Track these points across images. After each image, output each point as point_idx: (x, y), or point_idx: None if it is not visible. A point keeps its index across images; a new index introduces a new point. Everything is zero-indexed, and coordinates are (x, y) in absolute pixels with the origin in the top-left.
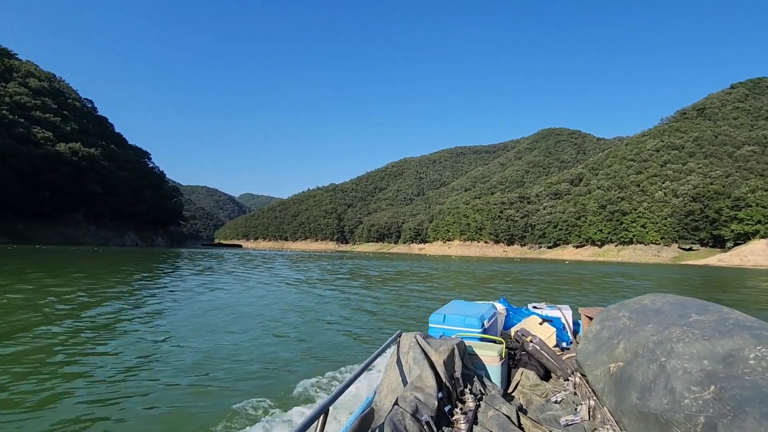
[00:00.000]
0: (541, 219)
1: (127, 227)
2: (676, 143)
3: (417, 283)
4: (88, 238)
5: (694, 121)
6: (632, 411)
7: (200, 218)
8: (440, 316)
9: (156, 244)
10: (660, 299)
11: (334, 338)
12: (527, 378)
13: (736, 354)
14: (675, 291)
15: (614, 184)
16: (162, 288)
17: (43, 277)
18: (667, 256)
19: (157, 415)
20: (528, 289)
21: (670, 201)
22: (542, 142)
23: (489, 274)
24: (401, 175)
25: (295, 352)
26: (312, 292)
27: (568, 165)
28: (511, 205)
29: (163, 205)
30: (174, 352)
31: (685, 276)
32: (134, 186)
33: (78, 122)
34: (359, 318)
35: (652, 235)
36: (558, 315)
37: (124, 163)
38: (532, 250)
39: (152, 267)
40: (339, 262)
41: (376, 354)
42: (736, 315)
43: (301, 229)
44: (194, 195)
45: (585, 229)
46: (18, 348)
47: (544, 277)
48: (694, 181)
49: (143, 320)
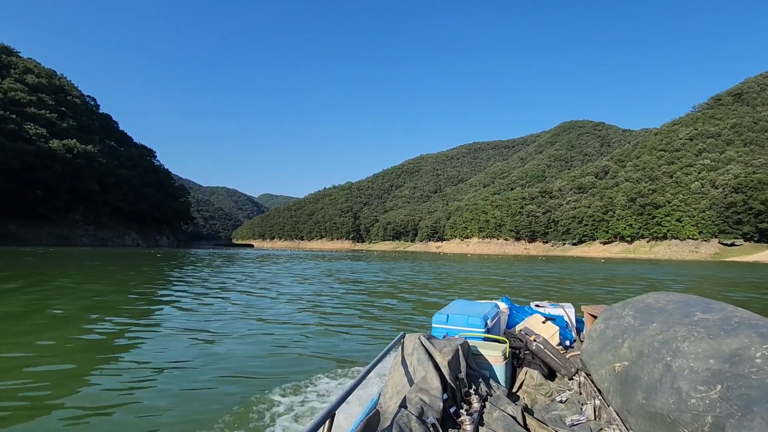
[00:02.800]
0: (565, 214)
1: (129, 227)
2: (711, 131)
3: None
4: (85, 239)
5: (730, 107)
6: (638, 411)
7: (219, 219)
8: (443, 316)
9: (160, 244)
10: (664, 297)
11: (338, 341)
12: (531, 377)
13: (743, 353)
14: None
15: (644, 176)
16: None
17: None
18: (707, 253)
19: (157, 423)
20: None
21: (708, 192)
22: (564, 135)
23: (522, 280)
24: (418, 172)
25: (298, 356)
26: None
27: (592, 158)
28: (532, 201)
29: (168, 204)
30: (167, 356)
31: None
32: (135, 184)
33: (77, 119)
34: (360, 321)
35: (688, 230)
36: (561, 313)
37: (124, 161)
38: (556, 248)
39: (96, 275)
40: (354, 267)
41: (380, 356)
42: (740, 313)
43: (317, 228)
44: (214, 196)
45: (613, 224)
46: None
47: (595, 285)
48: (734, 171)
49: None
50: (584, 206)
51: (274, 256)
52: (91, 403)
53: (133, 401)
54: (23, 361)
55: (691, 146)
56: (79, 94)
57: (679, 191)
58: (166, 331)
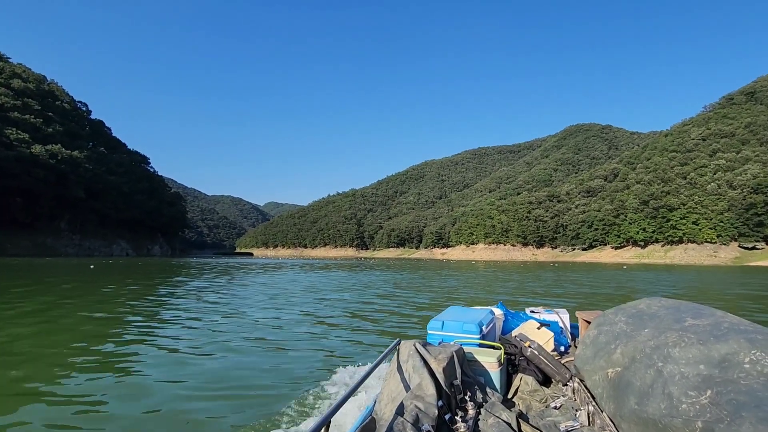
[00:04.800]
0: (574, 218)
1: (119, 236)
2: (725, 130)
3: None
4: (70, 248)
5: (743, 106)
6: (631, 416)
7: (223, 227)
8: (438, 322)
9: (152, 253)
10: (656, 303)
11: (334, 348)
12: (526, 383)
13: (732, 358)
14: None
15: (656, 178)
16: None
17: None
18: (726, 257)
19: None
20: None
21: (725, 193)
22: (570, 138)
23: (542, 290)
24: (422, 178)
25: (293, 364)
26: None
27: (600, 161)
28: (540, 205)
29: (162, 212)
30: (157, 367)
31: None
32: (126, 191)
33: (65, 124)
34: (358, 325)
35: (706, 233)
36: (555, 319)
37: (115, 167)
38: (565, 253)
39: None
40: (362, 279)
41: (375, 363)
42: (730, 318)
43: (320, 236)
44: (219, 205)
45: (625, 228)
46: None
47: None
48: (752, 171)
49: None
50: (594, 210)
51: (266, 266)
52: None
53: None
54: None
55: (704, 146)
56: (70, 99)
57: (694, 193)
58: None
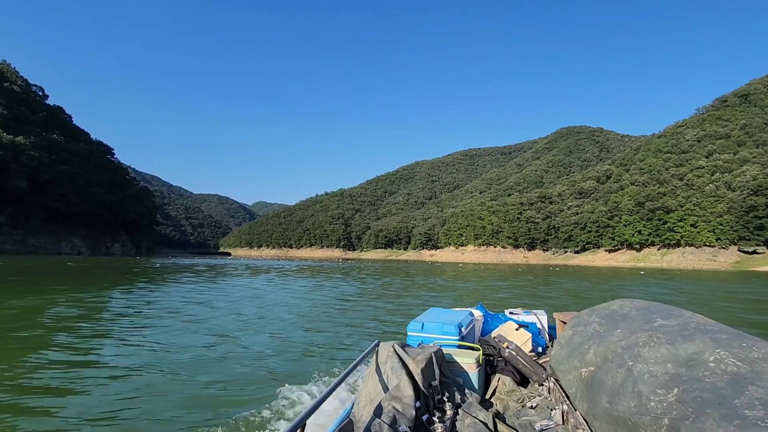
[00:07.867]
0: (566, 220)
1: (72, 232)
2: (720, 132)
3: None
4: (8, 245)
5: (737, 108)
6: (603, 415)
7: (208, 226)
8: (418, 324)
9: (111, 252)
10: (628, 304)
11: (310, 350)
12: (504, 384)
13: (697, 357)
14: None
15: (651, 179)
16: None
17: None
18: (726, 261)
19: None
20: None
21: (724, 195)
22: (561, 141)
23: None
24: (412, 178)
25: (269, 366)
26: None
27: (591, 163)
28: (531, 206)
29: (126, 207)
30: (127, 367)
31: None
32: (79, 183)
33: (13, 108)
34: (336, 329)
35: (705, 236)
36: (534, 320)
37: (69, 157)
38: (557, 256)
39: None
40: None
41: (354, 364)
42: (697, 319)
43: (306, 236)
44: (205, 204)
45: (619, 230)
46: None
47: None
48: (752, 172)
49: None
50: (587, 211)
51: (234, 267)
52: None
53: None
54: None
55: (699, 148)
56: (23, 82)
57: (691, 194)
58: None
